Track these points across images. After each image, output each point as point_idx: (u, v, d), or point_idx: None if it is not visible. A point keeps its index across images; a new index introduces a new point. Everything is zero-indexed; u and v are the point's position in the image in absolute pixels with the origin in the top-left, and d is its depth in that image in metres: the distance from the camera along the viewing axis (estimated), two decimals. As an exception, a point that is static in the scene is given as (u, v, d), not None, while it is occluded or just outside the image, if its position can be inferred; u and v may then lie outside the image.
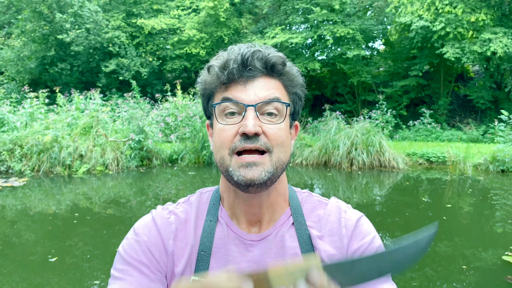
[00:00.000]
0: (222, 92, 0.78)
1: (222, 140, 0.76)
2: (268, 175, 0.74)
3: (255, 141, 0.73)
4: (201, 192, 0.92)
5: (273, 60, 0.77)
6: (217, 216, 0.84)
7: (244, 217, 0.83)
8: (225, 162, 0.76)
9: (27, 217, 5.10)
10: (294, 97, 0.83)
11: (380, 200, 6.20)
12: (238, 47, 0.78)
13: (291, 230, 0.84)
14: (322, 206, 0.89)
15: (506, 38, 12.98)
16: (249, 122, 0.73)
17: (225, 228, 0.83)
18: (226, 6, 17.11)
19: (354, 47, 15.45)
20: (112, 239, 4.23)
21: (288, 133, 0.80)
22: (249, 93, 0.75)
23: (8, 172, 7.84)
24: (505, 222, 4.79)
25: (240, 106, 0.75)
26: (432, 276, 3.29)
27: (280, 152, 0.76)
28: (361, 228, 0.86)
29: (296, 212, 0.86)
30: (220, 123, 0.77)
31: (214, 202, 0.87)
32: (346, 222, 0.86)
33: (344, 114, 14.47)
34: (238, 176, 0.73)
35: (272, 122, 0.76)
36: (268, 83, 0.78)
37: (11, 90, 16.90)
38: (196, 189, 0.96)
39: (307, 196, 0.92)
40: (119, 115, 10.82)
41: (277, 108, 0.77)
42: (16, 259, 3.70)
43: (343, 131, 9.06)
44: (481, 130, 13.72)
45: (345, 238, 0.84)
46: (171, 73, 20.48)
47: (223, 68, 0.76)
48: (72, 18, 16.90)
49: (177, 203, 0.90)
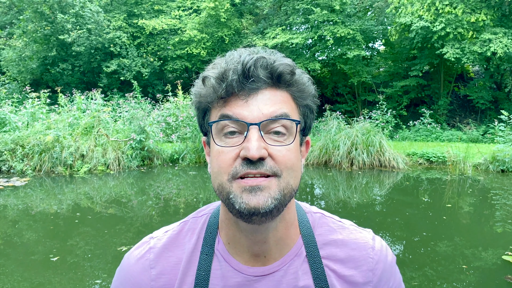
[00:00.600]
0: (220, 108, 0.66)
1: (220, 165, 0.65)
2: (275, 203, 0.63)
3: (260, 166, 0.62)
4: (197, 216, 0.79)
5: (280, 69, 0.65)
6: (213, 249, 0.73)
7: (247, 252, 0.72)
8: (224, 189, 0.65)
9: (29, 216, 5.12)
10: (305, 110, 0.71)
11: (380, 200, 6.22)
12: (239, 54, 0.66)
13: (304, 264, 0.73)
14: (339, 232, 0.77)
15: (506, 38, 12.99)
16: (252, 144, 0.61)
17: (222, 263, 0.72)
18: (227, 7, 17.14)
19: (354, 47, 15.47)
20: (113, 238, 4.25)
21: (298, 154, 0.68)
22: (252, 108, 0.64)
23: (9, 171, 7.87)
24: (505, 222, 4.80)
25: (241, 124, 0.64)
26: (432, 275, 3.31)
27: (290, 177, 0.65)
28: (393, 278, 0.77)
29: (308, 241, 0.74)
30: (217, 145, 0.65)
31: (211, 231, 0.75)
32: (375, 265, 0.74)
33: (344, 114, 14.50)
34: (240, 204, 0.62)
35: (280, 143, 0.65)
36: (274, 96, 0.66)
37: (13, 90, 16.94)
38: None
39: (319, 218, 0.79)
40: (120, 115, 10.85)
41: (285, 126, 0.65)
42: (18, 258, 3.72)
43: (343, 131, 9.07)
44: (481, 130, 13.72)
45: (371, 285, 0.73)
46: (172, 74, 20.51)
47: (220, 79, 0.64)
48: (74, 18, 16.94)
49: (164, 232, 0.78)
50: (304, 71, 0.72)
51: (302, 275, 0.72)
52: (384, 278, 0.75)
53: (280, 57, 0.67)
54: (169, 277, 0.72)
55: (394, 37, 15.11)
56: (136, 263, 0.74)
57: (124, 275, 0.74)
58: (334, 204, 5.72)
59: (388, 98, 16.23)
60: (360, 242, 0.76)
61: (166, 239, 0.76)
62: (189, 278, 0.72)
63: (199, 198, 6.08)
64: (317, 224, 0.77)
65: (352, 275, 0.73)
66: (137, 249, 0.76)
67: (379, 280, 0.75)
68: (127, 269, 0.74)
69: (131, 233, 4.43)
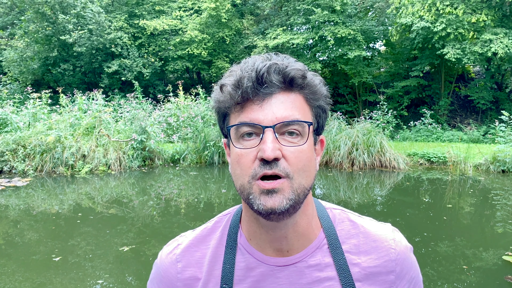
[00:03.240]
0: (237, 113, 0.71)
1: (241, 167, 0.70)
2: (290, 203, 0.67)
3: (274, 167, 0.67)
4: (222, 215, 0.86)
5: (292, 73, 0.69)
6: (237, 243, 0.78)
7: (269, 247, 0.76)
8: (245, 189, 0.70)
9: (30, 216, 5.13)
10: (317, 110, 0.75)
11: (381, 200, 6.22)
12: (253, 61, 0.70)
13: (326, 257, 0.76)
14: (360, 226, 0.81)
15: (507, 38, 12.98)
16: (267, 146, 0.66)
17: (246, 256, 0.77)
18: (228, 7, 17.15)
19: (355, 48, 15.47)
20: (115, 238, 4.26)
21: (311, 154, 0.73)
22: (267, 112, 0.68)
23: (11, 172, 7.89)
24: (505, 222, 4.80)
25: (257, 127, 0.69)
26: (432, 276, 3.31)
27: (301, 178, 0.69)
28: (412, 273, 0.80)
29: (330, 234, 0.78)
30: (237, 147, 0.71)
31: (234, 226, 0.80)
32: (397, 256, 0.78)
33: (345, 114, 14.50)
34: (258, 205, 0.68)
35: (293, 144, 0.69)
36: (287, 99, 0.70)
37: (14, 91, 16.98)
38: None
39: (339, 214, 0.83)
40: (121, 115, 10.86)
41: (298, 128, 0.70)
42: (19, 258, 3.73)
43: (344, 131, 9.08)
44: (482, 130, 13.71)
45: (393, 284, 0.77)
46: (173, 74, 20.53)
47: (236, 86, 0.69)
48: (75, 19, 16.97)
49: (192, 231, 0.86)
50: (316, 74, 0.75)
51: (324, 267, 0.75)
52: (405, 268, 0.79)
53: (292, 61, 0.71)
54: (195, 270, 0.79)
55: (395, 37, 15.11)
56: (165, 258, 0.82)
57: (157, 269, 0.84)
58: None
59: (389, 98, 16.23)
60: (381, 234, 0.80)
61: (192, 236, 0.84)
62: (216, 271, 0.77)
63: (200, 198, 6.09)
64: (337, 220, 0.81)
65: (375, 266, 0.76)
66: (167, 246, 0.85)
67: (401, 270, 0.78)
68: (159, 263, 0.83)
69: (133, 233, 4.44)
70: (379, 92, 16.50)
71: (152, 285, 0.84)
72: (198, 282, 0.78)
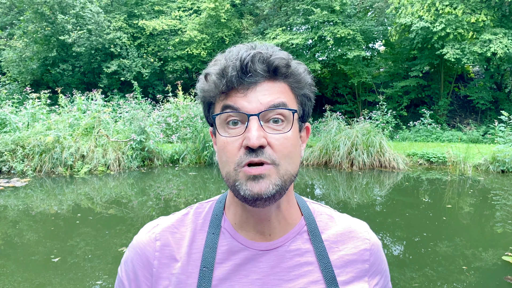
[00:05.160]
0: (222, 101, 0.72)
1: (227, 155, 0.70)
2: (276, 188, 0.68)
3: (260, 154, 0.68)
4: (201, 203, 0.86)
5: (276, 62, 0.69)
6: (220, 228, 0.79)
7: (253, 230, 0.77)
8: (231, 177, 0.70)
9: (29, 217, 5.12)
10: (302, 99, 0.76)
11: (380, 200, 6.22)
12: (237, 50, 0.71)
13: (306, 243, 0.78)
14: (336, 218, 0.84)
15: (506, 38, 12.99)
16: (252, 134, 0.66)
17: (229, 239, 0.77)
18: (227, 7, 17.15)
19: (354, 48, 15.48)
20: (114, 239, 4.26)
21: (296, 141, 0.73)
22: (251, 100, 0.69)
23: (10, 172, 7.88)
24: (505, 223, 4.80)
25: (242, 115, 0.69)
26: (432, 276, 3.31)
27: (288, 164, 0.70)
28: (384, 266, 0.85)
29: (310, 222, 0.80)
30: (222, 136, 0.71)
31: (217, 213, 0.81)
32: (371, 246, 0.82)
33: (345, 114, 14.51)
34: (244, 191, 0.68)
35: (278, 131, 0.70)
36: (272, 87, 0.71)
37: (13, 91, 16.96)
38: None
39: (318, 207, 0.85)
40: (120, 115, 10.85)
41: (283, 114, 0.70)
42: (18, 259, 3.72)
43: (344, 131, 9.07)
44: (481, 130, 13.72)
45: (367, 272, 0.80)
46: (172, 74, 20.53)
47: (221, 75, 0.70)
48: (74, 19, 16.95)
49: (172, 214, 0.85)
50: (301, 62, 0.76)
51: (304, 252, 0.78)
52: (378, 259, 0.83)
53: (276, 50, 0.72)
54: (173, 250, 0.78)
55: (394, 37, 15.12)
56: (143, 236, 0.81)
57: (132, 248, 0.82)
58: (334, 205, 5.72)
59: (388, 98, 16.24)
60: (357, 226, 0.84)
61: (173, 218, 0.83)
62: (195, 255, 0.77)
63: (199, 198, 6.08)
64: (316, 212, 0.84)
65: (352, 254, 0.80)
66: (147, 226, 0.84)
67: (374, 260, 0.82)
68: (135, 243, 0.82)
69: (132, 234, 4.43)
70: (379, 92, 16.51)
71: (126, 266, 0.80)
72: (175, 263, 0.77)
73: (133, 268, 0.79)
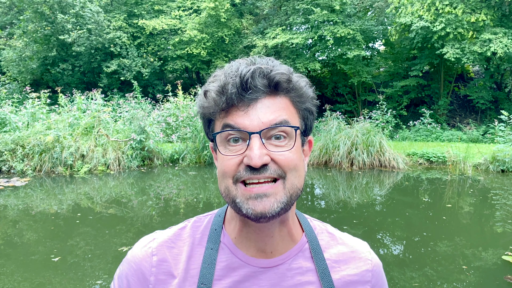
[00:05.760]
0: (222, 119, 0.69)
1: (225, 170, 0.68)
2: (281, 206, 0.66)
3: (264, 171, 0.66)
4: (201, 216, 0.83)
5: (277, 78, 0.68)
6: (219, 243, 0.76)
7: (254, 246, 0.75)
8: (230, 192, 0.68)
9: (29, 217, 5.12)
10: (304, 113, 0.74)
11: (380, 200, 6.22)
12: (236, 66, 0.69)
13: (308, 262, 0.76)
14: (338, 237, 0.82)
15: (506, 38, 12.99)
16: (254, 153, 0.64)
17: (228, 255, 0.75)
18: (227, 7, 17.14)
19: (354, 47, 15.47)
20: (114, 238, 4.26)
21: (300, 155, 0.72)
22: (252, 118, 0.67)
23: (10, 172, 7.87)
24: (505, 222, 4.80)
25: (243, 133, 0.67)
26: (432, 275, 3.31)
27: (294, 178, 0.68)
28: (385, 282, 0.83)
29: (312, 240, 0.78)
30: (222, 154, 0.69)
31: (216, 228, 0.78)
32: (373, 267, 0.80)
33: (345, 114, 14.51)
34: (247, 210, 0.66)
35: (281, 147, 0.68)
36: (273, 104, 0.68)
37: (13, 91, 16.95)
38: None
39: (319, 225, 0.84)
40: (120, 115, 10.85)
41: (285, 131, 0.68)
42: (18, 258, 3.72)
43: (344, 131, 9.07)
44: (481, 130, 13.73)
45: (369, 285, 0.79)
46: (172, 74, 20.52)
47: (220, 93, 0.68)
48: (74, 18, 16.95)
49: (169, 228, 0.82)
50: (302, 75, 0.74)
51: (306, 271, 0.75)
52: (380, 281, 0.81)
53: (277, 65, 0.70)
54: (170, 265, 0.75)
55: (394, 37, 15.11)
56: (139, 250, 0.77)
57: (127, 263, 0.78)
58: (334, 204, 5.72)
59: (388, 98, 16.23)
60: (358, 246, 0.82)
61: (169, 233, 0.80)
62: (193, 271, 0.74)
63: (199, 198, 6.08)
64: (318, 230, 0.82)
65: (354, 275, 0.78)
66: (141, 241, 0.80)
67: (376, 282, 0.80)
68: (130, 257, 0.78)
69: (132, 233, 4.43)
70: (379, 92, 16.51)
71: (120, 282, 0.77)
72: (173, 279, 0.74)
73: (128, 285, 0.75)
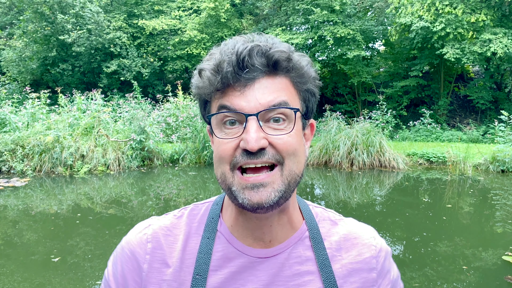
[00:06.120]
0: (218, 100, 0.65)
1: (221, 155, 0.64)
2: (279, 194, 0.63)
3: (261, 156, 0.62)
4: (197, 204, 0.79)
5: (276, 56, 0.63)
6: (215, 232, 0.72)
7: (252, 235, 0.71)
8: (227, 179, 0.65)
9: (29, 217, 5.12)
10: (305, 94, 0.69)
11: (380, 200, 6.22)
12: (233, 43, 0.64)
13: (308, 251, 0.72)
14: (340, 225, 0.77)
15: (506, 38, 12.99)
16: (250, 136, 0.60)
17: (224, 244, 0.71)
18: (227, 7, 17.15)
19: (354, 47, 15.48)
20: (114, 239, 4.25)
21: (300, 138, 0.67)
22: (249, 99, 0.62)
23: (10, 172, 7.87)
24: (505, 222, 4.80)
25: (240, 115, 0.63)
26: (432, 276, 3.31)
27: (293, 163, 0.64)
28: (394, 274, 0.78)
29: (312, 228, 0.74)
30: (218, 137, 0.65)
31: (213, 216, 0.74)
32: (378, 253, 0.75)
33: (345, 114, 14.49)
34: (243, 199, 0.63)
35: (280, 131, 0.63)
36: (271, 84, 0.64)
37: (13, 91, 16.94)
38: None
39: (321, 212, 0.79)
40: (120, 115, 10.85)
41: (284, 113, 0.64)
42: (18, 259, 3.72)
43: (344, 131, 9.07)
44: (481, 130, 13.73)
45: (375, 282, 0.73)
46: (172, 74, 20.52)
47: (216, 72, 0.63)
48: (74, 19, 16.95)
49: (165, 215, 0.78)
50: (304, 54, 0.69)
51: (305, 260, 0.71)
52: (386, 267, 0.76)
53: (277, 42, 0.65)
54: (165, 254, 0.72)
55: (394, 37, 15.12)
56: (134, 237, 0.74)
57: (121, 249, 0.75)
58: (334, 204, 5.72)
59: (388, 98, 16.23)
60: (362, 232, 0.77)
61: (166, 220, 0.76)
62: (188, 261, 0.71)
63: (199, 198, 6.08)
64: (319, 217, 0.78)
65: (356, 262, 0.73)
66: (137, 226, 0.77)
67: (382, 268, 0.75)
68: (126, 241, 0.75)
69: (131, 234, 4.42)
70: (379, 92, 16.50)
71: (114, 268, 0.74)
72: (167, 268, 0.71)
73: (122, 272, 0.73)
